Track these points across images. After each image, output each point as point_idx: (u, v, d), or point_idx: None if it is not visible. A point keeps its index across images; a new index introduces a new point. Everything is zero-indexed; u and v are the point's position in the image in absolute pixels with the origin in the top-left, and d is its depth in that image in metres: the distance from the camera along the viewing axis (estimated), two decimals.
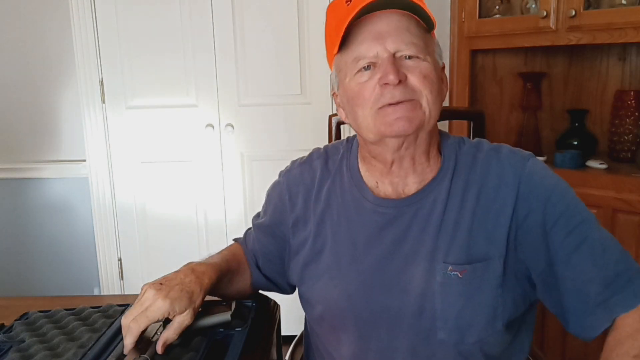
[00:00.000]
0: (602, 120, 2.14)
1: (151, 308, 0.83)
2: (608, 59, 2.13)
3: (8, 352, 0.90)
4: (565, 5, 1.80)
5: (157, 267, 2.70)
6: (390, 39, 0.84)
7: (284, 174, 1.05)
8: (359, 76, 0.86)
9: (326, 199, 0.97)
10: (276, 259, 1.03)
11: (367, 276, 0.91)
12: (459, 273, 0.86)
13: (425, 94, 0.85)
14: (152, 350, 0.82)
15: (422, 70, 0.85)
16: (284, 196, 1.01)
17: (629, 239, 1.73)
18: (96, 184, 2.46)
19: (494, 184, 0.88)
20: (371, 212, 0.92)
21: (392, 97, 0.83)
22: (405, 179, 0.92)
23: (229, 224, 2.47)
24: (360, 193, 0.95)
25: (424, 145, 0.90)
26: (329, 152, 1.03)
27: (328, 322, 0.96)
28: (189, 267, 0.91)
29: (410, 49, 0.84)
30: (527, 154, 0.91)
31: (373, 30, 0.85)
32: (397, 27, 0.84)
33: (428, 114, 0.85)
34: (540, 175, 0.88)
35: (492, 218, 0.87)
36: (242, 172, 2.44)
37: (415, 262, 0.88)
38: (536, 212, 0.86)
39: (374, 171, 0.95)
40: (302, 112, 2.38)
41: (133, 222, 2.50)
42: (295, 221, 0.99)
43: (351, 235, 0.93)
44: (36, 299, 1.25)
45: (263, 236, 1.04)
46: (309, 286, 0.97)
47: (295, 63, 2.35)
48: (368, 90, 0.85)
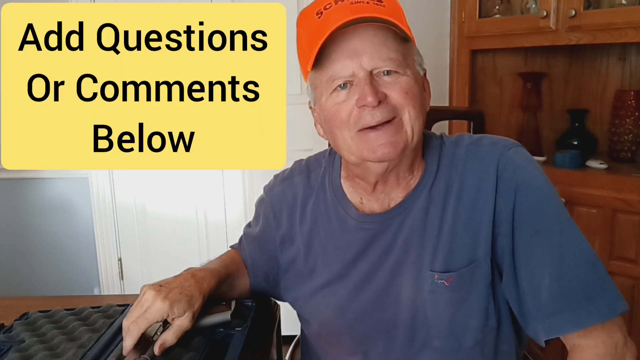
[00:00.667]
0: (602, 120, 2.14)
1: (150, 309, 0.83)
2: (608, 59, 2.13)
3: (8, 352, 0.89)
4: (565, 5, 1.80)
5: (157, 267, 2.70)
6: (367, 56, 0.79)
7: (267, 191, 1.04)
8: (335, 96, 0.82)
9: (312, 217, 0.96)
10: (263, 274, 1.02)
11: (357, 291, 0.90)
12: (445, 281, 0.84)
13: (408, 110, 0.81)
14: (152, 351, 0.82)
15: (403, 85, 0.80)
16: (269, 215, 1.01)
17: (629, 239, 1.73)
18: (96, 183, 2.46)
19: (475, 180, 0.85)
20: (356, 229, 0.91)
21: (373, 118, 0.79)
22: (390, 194, 0.90)
23: (229, 224, 2.47)
24: (344, 210, 0.93)
25: (408, 161, 0.87)
26: (310, 166, 1.01)
27: (325, 338, 0.97)
28: (189, 272, 0.92)
29: (388, 65, 0.79)
30: (509, 143, 0.87)
31: (347, 48, 0.79)
32: (372, 43, 0.79)
33: (411, 132, 0.81)
34: (517, 166, 0.83)
35: (476, 217, 0.84)
36: (242, 172, 2.44)
37: (402, 272, 0.87)
38: (508, 202, 0.82)
39: (357, 188, 0.93)
40: (302, 112, 2.37)
41: (133, 222, 2.50)
42: (282, 239, 0.99)
43: (339, 252, 0.92)
44: (36, 299, 1.25)
45: (253, 249, 1.04)
46: (302, 304, 0.98)
47: (295, 63, 2.34)
48: (346, 111, 0.81)
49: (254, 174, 2.43)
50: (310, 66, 0.82)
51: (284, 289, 1.01)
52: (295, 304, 1.00)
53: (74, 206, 2.57)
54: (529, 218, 0.81)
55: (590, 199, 1.79)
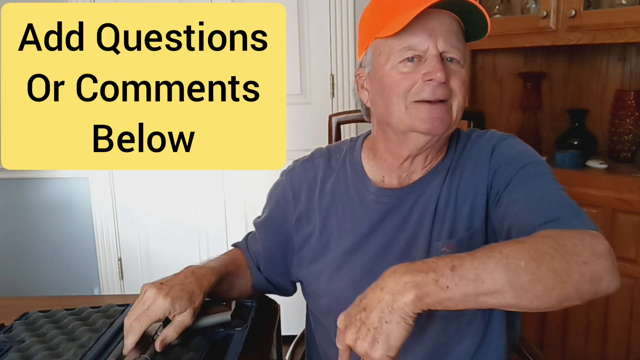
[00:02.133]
0: (602, 120, 2.14)
1: (152, 307, 0.83)
2: (608, 59, 2.13)
3: (8, 352, 0.90)
4: (565, 5, 1.80)
5: (157, 267, 2.70)
6: (442, 39, 0.86)
7: (287, 173, 1.06)
8: (402, 66, 0.88)
9: (331, 194, 1.00)
10: (278, 258, 1.04)
11: (372, 263, 0.93)
12: (446, 248, 0.90)
13: (459, 99, 0.89)
14: (152, 350, 0.82)
15: (462, 75, 0.89)
16: (287, 193, 1.03)
17: (629, 239, 1.73)
18: (96, 183, 2.46)
19: (475, 160, 0.93)
20: (374, 202, 0.96)
21: (434, 94, 0.86)
22: (411, 173, 0.96)
23: (228, 224, 2.46)
24: (363, 186, 0.98)
25: (441, 143, 0.94)
26: (331, 150, 1.06)
27: (335, 312, 0.97)
28: (189, 270, 0.92)
29: (455, 53, 0.87)
30: (510, 135, 0.96)
31: (428, 26, 0.86)
32: (448, 30, 0.87)
33: (455, 118, 0.90)
34: (509, 144, 0.93)
35: (472, 192, 0.92)
36: (242, 172, 2.44)
37: (415, 245, 0.92)
38: (496, 167, 0.90)
39: (382, 166, 0.98)
40: (302, 112, 2.38)
41: (133, 222, 2.50)
42: (299, 217, 1.01)
43: (355, 226, 0.96)
44: (36, 299, 1.25)
45: (265, 236, 1.05)
46: (314, 279, 0.99)
47: (295, 63, 2.35)
48: (409, 81, 0.87)
49: (254, 175, 2.43)
50: (388, 33, 0.87)
51: (297, 266, 1.02)
52: (307, 280, 1.01)
53: (74, 206, 2.57)
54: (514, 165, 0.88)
55: (590, 199, 1.79)
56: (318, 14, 2.32)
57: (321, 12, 2.33)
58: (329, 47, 2.34)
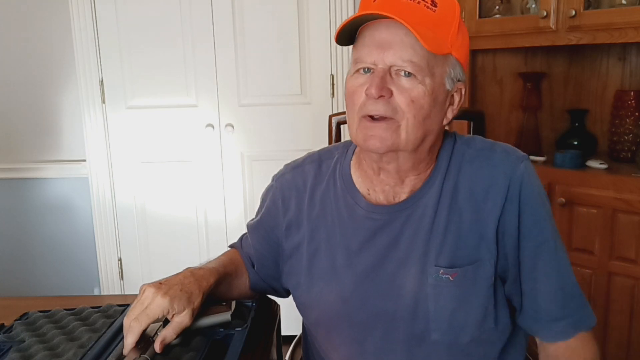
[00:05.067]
0: (602, 120, 2.14)
1: (151, 306, 0.83)
2: (608, 59, 2.13)
3: (8, 352, 0.90)
4: (565, 5, 1.80)
5: (157, 267, 2.71)
6: (391, 52, 0.81)
7: (277, 178, 1.04)
8: (357, 76, 0.85)
9: (321, 203, 0.97)
10: (270, 262, 1.03)
11: (361, 280, 0.91)
12: (450, 276, 0.86)
13: (408, 117, 0.82)
14: (152, 350, 0.82)
15: (412, 93, 0.82)
16: (277, 200, 1.01)
17: (629, 239, 1.73)
18: (96, 183, 2.46)
19: (485, 185, 0.88)
20: (364, 217, 0.92)
21: (375, 109, 0.82)
22: (394, 188, 0.92)
23: (229, 224, 2.47)
24: (353, 199, 0.94)
25: (409, 163, 0.89)
26: (322, 156, 1.02)
27: (324, 326, 0.97)
28: (189, 271, 0.92)
29: (407, 67, 0.81)
30: (521, 156, 0.90)
31: (378, 37, 0.82)
32: (401, 41, 0.81)
33: (405, 138, 0.84)
34: (526, 181, 0.88)
35: (482, 219, 0.87)
36: (242, 172, 2.44)
37: (407, 265, 0.89)
38: (514, 213, 0.87)
39: (365, 177, 0.94)
40: (302, 112, 2.38)
41: (133, 222, 2.50)
42: (289, 225, 0.99)
43: (345, 240, 0.93)
44: (36, 299, 1.25)
45: (257, 240, 1.04)
46: (304, 291, 0.97)
47: (295, 63, 2.35)
48: (358, 94, 0.85)
49: (254, 174, 2.43)
50: (335, 38, 0.86)
51: (287, 275, 1.01)
52: (297, 291, 0.99)
53: (74, 206, 2.58)
54: (533, 232, 0.88)
55: (590, 199, 1.79)
56: (318, 14, 2.32)
57: (321, 12, 2.33)
58: (329, 47, 2.34)
